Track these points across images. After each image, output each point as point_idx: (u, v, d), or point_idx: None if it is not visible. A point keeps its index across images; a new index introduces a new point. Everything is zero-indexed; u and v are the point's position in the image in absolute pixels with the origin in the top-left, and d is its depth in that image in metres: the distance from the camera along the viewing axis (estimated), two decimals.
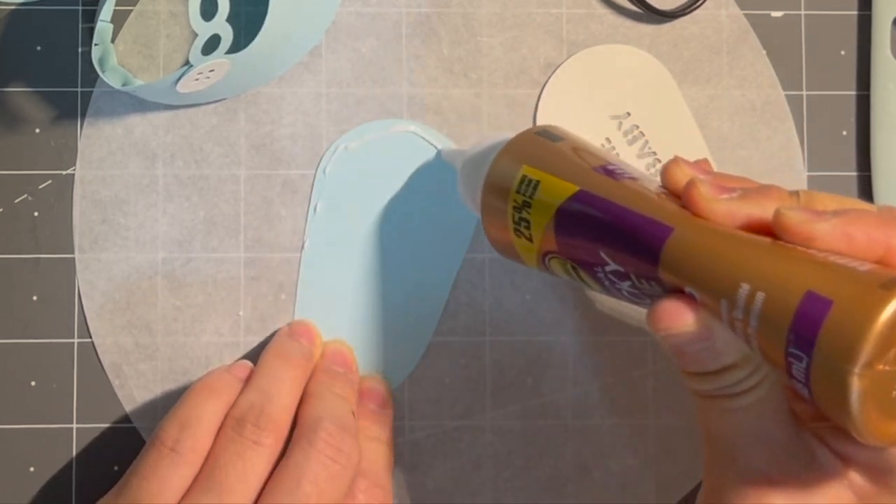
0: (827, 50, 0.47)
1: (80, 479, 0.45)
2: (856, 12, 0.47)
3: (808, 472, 0.33)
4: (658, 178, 0.36)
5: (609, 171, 0.36)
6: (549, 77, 0.46)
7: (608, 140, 0.46)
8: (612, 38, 0.47)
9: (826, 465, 0.33)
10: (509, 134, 0.40)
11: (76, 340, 0.45)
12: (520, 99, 0.46)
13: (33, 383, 0.45)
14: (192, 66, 0.41)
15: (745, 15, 0.47)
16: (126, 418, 0.45)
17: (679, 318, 0.32)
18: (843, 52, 0.47)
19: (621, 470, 0.45)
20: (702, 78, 0.47)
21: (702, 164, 0.36)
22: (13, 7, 0.46)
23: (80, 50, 0.46)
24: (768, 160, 0.46)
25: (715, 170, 0.36)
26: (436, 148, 0.46)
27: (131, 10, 0.46)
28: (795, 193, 0.33)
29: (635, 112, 0.46)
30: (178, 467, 0.38)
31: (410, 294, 0.45)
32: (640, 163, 0.46)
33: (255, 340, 0.45)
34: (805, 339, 0.29)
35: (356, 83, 0.46)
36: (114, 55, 0.45)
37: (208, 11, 0.45)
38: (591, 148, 0.39)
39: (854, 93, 0.47)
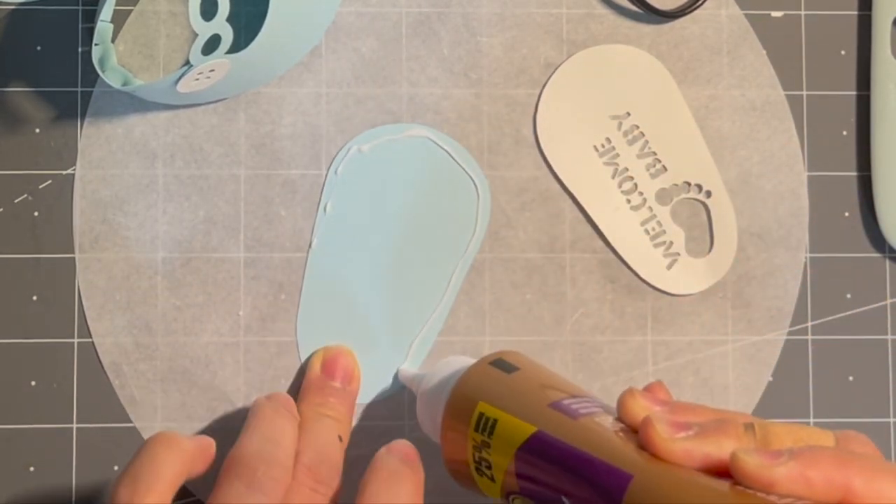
0: (827, 50, 0.47)
1: (80, 479, 0.45)
2: (856, 12, 0.47)
3: None
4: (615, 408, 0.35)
5: (565, 408, 0.35)
6: (549, 77, 0.46)
7: (608, 140, 0.46)
8: (612, 38, 0.47)
9: None
10: (466, 360, 0.40)
11: (76, 340, 0.45)
12: (520, 99, 0.46)
13: (33, 383, 0.45)
14: (192, 66, 0.41)
15: (745, 15, 0.47)
16: (126, 418, 0.45)
17: None
18: (843, 52, 0.47)
19: None
20: (702, 78, 0.47)
21: (657, 392, 0.35)
22: (13, 7, 0.46)
23: (80, 50, 0.46)
24: (768, 160, 0.46)
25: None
26: (449, 155, 0.46)
27: (131, 10, 0.46)
28: (751, 427, 0.32)
29: (635, 112, 0.46)
30: None
31: (413, 294, 0.45)
32: (640, 163, 0.46)
33: (254, 340, 0.45)
34: None
35: (356, 83, 0.46)
36: (114, 55, 0.45)
37: (208, 11, 0.45)
38: (547, 377, 0.38)
39: (854, 93, 0.47)
